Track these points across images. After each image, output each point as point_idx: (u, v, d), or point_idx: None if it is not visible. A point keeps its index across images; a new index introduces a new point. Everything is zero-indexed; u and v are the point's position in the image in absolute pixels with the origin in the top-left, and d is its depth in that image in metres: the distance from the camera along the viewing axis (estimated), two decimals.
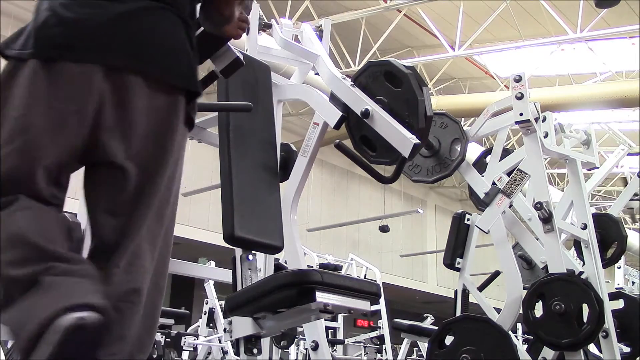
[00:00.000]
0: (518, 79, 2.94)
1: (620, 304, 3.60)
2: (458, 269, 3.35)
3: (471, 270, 3.39)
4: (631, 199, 4.34)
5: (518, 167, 2.92)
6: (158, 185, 1.22)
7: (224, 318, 1.97)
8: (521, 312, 2.72)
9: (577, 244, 3.59)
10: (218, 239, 2.57)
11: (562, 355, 2.69)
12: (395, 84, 2.13)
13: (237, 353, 1.97)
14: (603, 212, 4.27)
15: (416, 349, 7.24)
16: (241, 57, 1.60)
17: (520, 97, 2.90)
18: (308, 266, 3.04)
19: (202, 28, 1.46)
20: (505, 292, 2.82)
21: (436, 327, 3.09)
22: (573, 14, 8.09)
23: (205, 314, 6.00)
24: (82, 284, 1.03)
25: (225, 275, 2.56)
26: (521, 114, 2.89)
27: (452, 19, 8.98)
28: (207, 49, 1.51)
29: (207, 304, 6.00)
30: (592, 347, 3.15)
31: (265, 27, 2.76)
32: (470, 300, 3.36)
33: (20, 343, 0.98)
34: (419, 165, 3.17)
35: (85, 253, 1.21)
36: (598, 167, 3.87)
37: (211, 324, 6.13)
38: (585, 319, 2.60)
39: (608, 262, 3.91)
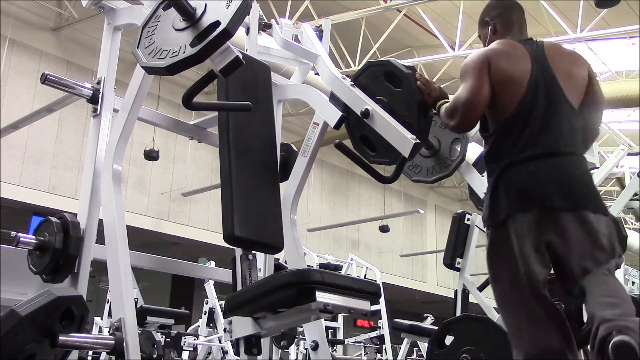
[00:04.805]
0: None
1: None
2: (458, 269, 3.36)
3: (471, 270, 3.40)
4: (631, 199, 4.34)
5: None
6: None
7: (224, 318, 1.97)
8: None
9: None
10: (218, 239, 2.57)
11: None
12: (395, 84, 2.13)
13: (237, 353, 1.97)
14: None
15: (416, 349, 7.24)
16: (240, 56, 1.60)
17: None
18: (308, 266, 3.04)
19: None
20: None
21: (436, 327, 3.09)
22: (573, 14, 8.09)
23: (205, 314, 6.00)
24: None
25: (225, 275, 2.56)
26: None
27: (452, 19, 8.98)
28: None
29: (207, 304, 6.01)
30: None
31: (265, 27, 2.75)
32: (470, 300, 3.36)
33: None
34: (419, 165, 3.17)
35: None
36: (598, 167, 3.87)
37: (211, 324, 6.13)
38: (585, 319, 2.60)
39: None
